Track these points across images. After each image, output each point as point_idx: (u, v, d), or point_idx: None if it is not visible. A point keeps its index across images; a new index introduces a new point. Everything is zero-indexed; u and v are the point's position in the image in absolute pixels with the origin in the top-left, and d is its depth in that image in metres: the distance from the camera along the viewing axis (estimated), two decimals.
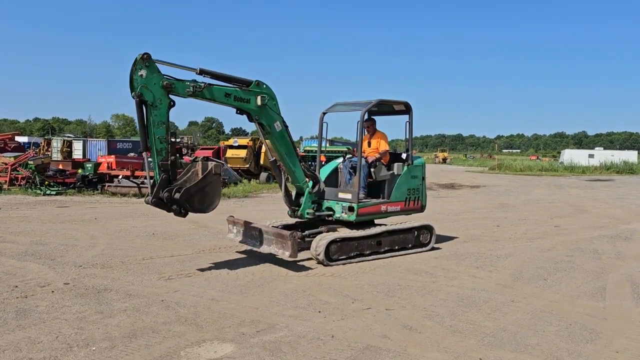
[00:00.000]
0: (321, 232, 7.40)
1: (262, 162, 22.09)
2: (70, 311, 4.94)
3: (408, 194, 8.11)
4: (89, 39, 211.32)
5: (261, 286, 5.99)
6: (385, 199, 7.93)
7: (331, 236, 7.09)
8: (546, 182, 27.42)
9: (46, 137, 42.98)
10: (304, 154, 23.74)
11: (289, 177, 7.54)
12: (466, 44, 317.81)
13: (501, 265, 7.37)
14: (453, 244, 8.90)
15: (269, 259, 7.27)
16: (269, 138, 7.10)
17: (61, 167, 18.24)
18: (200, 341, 4.28)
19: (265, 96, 6.77)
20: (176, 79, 6.17)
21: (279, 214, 9.56)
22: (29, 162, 17.27)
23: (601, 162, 43.16)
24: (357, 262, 7.17)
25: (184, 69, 6.30)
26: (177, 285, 5.95)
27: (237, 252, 7.81)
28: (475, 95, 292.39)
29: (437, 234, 8.46)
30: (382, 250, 7.57)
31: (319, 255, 6.91)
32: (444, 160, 68.97)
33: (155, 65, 5.98)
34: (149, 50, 5.90)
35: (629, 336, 4.65)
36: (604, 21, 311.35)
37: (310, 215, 7.49)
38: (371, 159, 8.04)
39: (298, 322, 4.79)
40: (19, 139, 38.44)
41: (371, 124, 8.49)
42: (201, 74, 6.41)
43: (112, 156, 18.79)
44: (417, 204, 8.29)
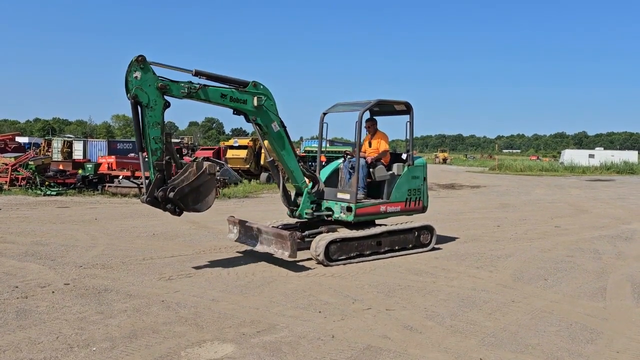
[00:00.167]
0: (321, 233, 7.40)
1: (262, 162, 22.10)
2: (70, 311, 4.94)
3: (409, 195, 8.09)
4: (89, 39, 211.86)
5: (261, 286, 5.99)
6: (384, 199, 7.92)
7: (331, 236, 7.09)
8: (546, 182, 27.42)
9: (46, 138, 43.00)
10: (304, 154, 23.75)
11: (288, 177, 7.55)
12: (466, 44, 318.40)
13: (502, 265, 7.37)
14: (453, 244, 8.90)
15: (270, 259, 7.27)
16: (267, 138, 7.11)
17: (61, 167, 18.24)
18: (200, 341, 4.28)
19: (262, 97, 6.77)
20: (171, 80, 6.19)
21: (279, 215, 9.55)
22: (30, 162, 17.26)
23: (601, 162, 43.19)
24: (357, 263, 7.17)
25: (180, 71, 6.31)
26: (178, 285, 5.95)
27: (237, 252, 7.81)
28: (475, 95, 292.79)
29: (438, 234, 8.45)
30: (382, 250, 7.56)
31: (318, 256, 6.91)
32: (444, 160, 68.97)
33: (150, 67, 6.01)
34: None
35: (630, 336, 4.65)
36: (604, 21, 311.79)
37: (308, 215, 7.49)
38: (370, 159, 8.04)
39: (298, 323, 4.79)
40: (19, 139, 38.49)
41: (372, 124, 8.49)
42: (197, 75, 6.42)
43: (113, 157, 18.77)
44: (419, 204, 8.26)
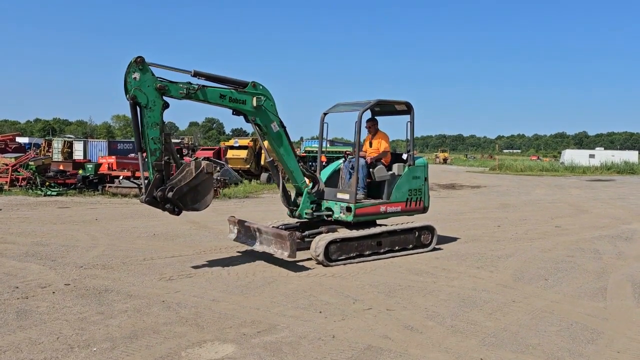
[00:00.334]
0: (321, 233, 7.40)
1: (262, 162, 22.11)
2: (71, 312, 4.94)
3: (409, 195, 8.07)
4: (89, 39, 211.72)
5: (262, 286, 5.99)
6: (385, 199, 7.91)
7: (330, 236, 7.08)
8: (547, 183, 27.41)
9: (47, 138, 43.05)
10: (304, 154, 23.76)
11: (288, 177, 7.55)
12: (467, 44, 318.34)
13: (502, 265, 7.36)
14: (454, 244, 8.89)
15: (270, 259, 7.27)
16: (267, 139, 7.12)
17: (62, 167, 18.26)
18: (201, 342, 4.28)
19: (261, 97, 6.78)
20: (169, 81, 6.21)
21: (279, 215, 9.55)
22: (30, 163, 17.28)
23: (602, 162, 43.17)
24: (357, 263, 7.17)
25: (179, 72, 6.32)
26: (178, 285, 5.95)
27: (237, 252, 7.81)
28: (475, 95, 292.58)
29: (438, 235, 8.45)
30: (382, 250, 7.55)
31: (318, 256, 6.91)
32: (445, 160, 68.96)
33: (149, 68, 6.02)
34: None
35: (630, 336, 4.65)
36: (604, 21, 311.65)
37: (308, 215, 7.48)
38: (370, 159, 8.03)
39: (299, 323, 4.79)
40: (19, 139, 38.51)
41: (373, 124, 8.48)
42: (196, 76, 6.43)
43: (113, 157, 18.76)
44: (419, 204, 8.24)
